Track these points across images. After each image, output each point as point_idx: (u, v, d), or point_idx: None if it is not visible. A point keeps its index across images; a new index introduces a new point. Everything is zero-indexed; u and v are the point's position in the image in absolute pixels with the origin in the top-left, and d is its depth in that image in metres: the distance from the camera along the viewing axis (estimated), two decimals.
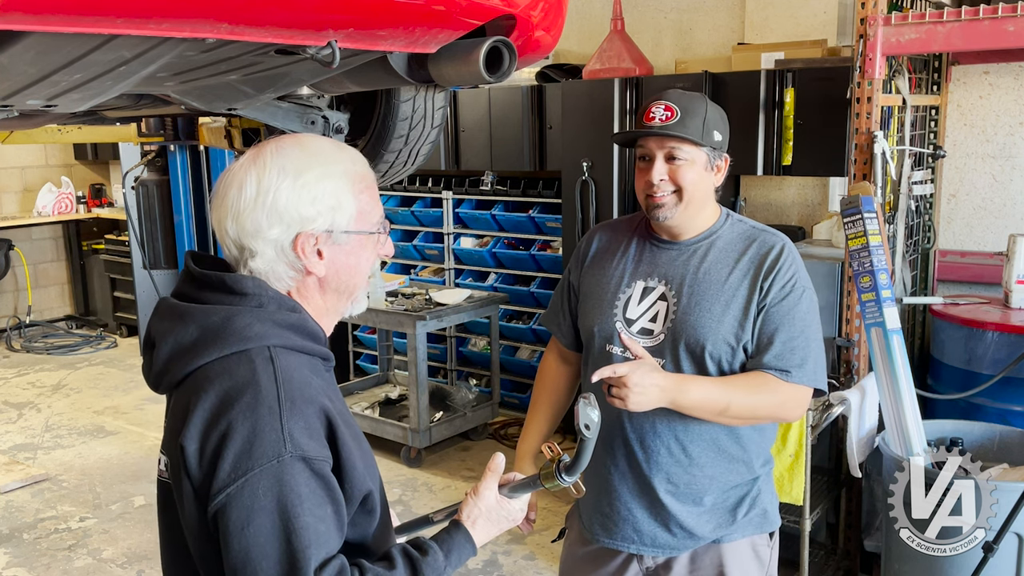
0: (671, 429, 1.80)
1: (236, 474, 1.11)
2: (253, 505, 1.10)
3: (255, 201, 1.21)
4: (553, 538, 2.16)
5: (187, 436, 1.15)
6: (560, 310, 2.03)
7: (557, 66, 4.80)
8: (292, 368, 1.19)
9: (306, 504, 1.12)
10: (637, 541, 1.88)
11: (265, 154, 1.24)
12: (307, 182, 1.22)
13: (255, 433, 1.12)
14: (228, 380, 1.16)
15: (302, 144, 1.27)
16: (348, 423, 1.23)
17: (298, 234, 1.22)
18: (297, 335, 1.23)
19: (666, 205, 1.79)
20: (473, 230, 5.27)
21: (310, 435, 1.15)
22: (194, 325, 1.20)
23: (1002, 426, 2.90)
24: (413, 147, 2.49)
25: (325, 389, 1.22)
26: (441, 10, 1.59)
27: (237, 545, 1.10)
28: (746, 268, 1.80)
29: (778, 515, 1.94)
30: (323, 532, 1.13)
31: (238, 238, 1.23)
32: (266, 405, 1.14)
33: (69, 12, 1.13)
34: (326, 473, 1.16)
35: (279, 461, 1.11)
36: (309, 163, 1.24)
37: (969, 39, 2.73)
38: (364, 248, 1.29)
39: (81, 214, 7.60)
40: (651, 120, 1.76)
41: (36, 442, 5.07)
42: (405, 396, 4.87)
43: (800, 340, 1.76)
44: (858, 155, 2.95)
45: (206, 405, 1.15)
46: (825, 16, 4.09)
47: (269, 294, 1.23)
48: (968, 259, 3.70)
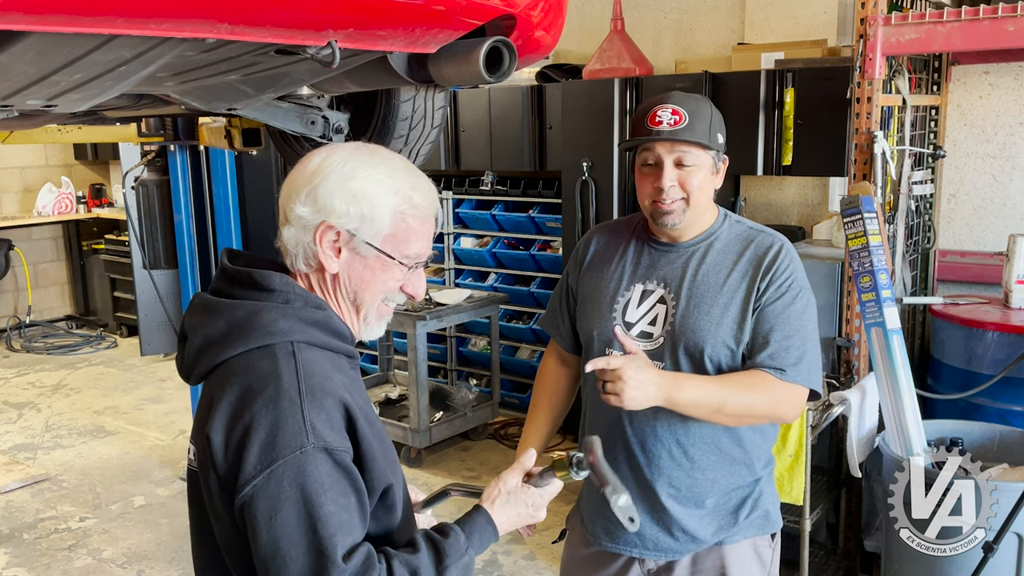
0: (672, 432, 1.80)
1: (262, 465, 1.14)
2: (279, 495, 1.13)
3: (308, 176, 1.26)
4: (554, 539, 2.16)
5: (213, 427, 1.18)
6: (559, 312, 2.02)
7: (557, 66, 4.80)
8: (313, 363, 1.22)
9: (330, 493, 1.14)
10: (639, 545, 1.87)
11: (347, 147, 1.30)
12: (355, 182, 1.25)
13: (278, 424, 1.15)
14: (252, 373, 1.20)
15: (378, 154, 1.31)
16: (370, 420, 1.26)
17: (322, 222, 1.25)
18: (322, 332, 1.26)
19: (675, 212, 1.77)
20: (473, 230, 5.27)
21: (331, 426, 1.18)
22: (223, 319, 1.25)
23: (1002, 426, 2.90)
24: (413, 147, 2.49)
25: (347, 385, 1.25)
26: (441, 10, 1.59)
27: (266, 535, 1.13)
28: (744, 270, 1.79)
29: (780, 516, 1.93)
30: (347, 520, 1.15)
31: (284, 201, 1.28)
32: (288, 397, 1.16)
33: (69, 12, 1.13)
34: (348, 464, 1.18)
35: (302, 452, 1.14)
36: (368, 168, 1.27)
37: (969, 39, 2.73)
38: (385, 271, 1.30)
39: (81, 214, 7.60)
40: (658, 124, 1.73)
41: (36, 442, 5.07)
42: (405, 396, 4.87)
43: (796, 339, 1.75)
44: (858, 155, 2.95)
45: (230, 398, 1.19)
46: (825, 16, 4.09)
47: (296, 291, 1.27)
48: (968, 259, 3.70)
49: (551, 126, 4.68)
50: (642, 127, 1.76)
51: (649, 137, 1.75)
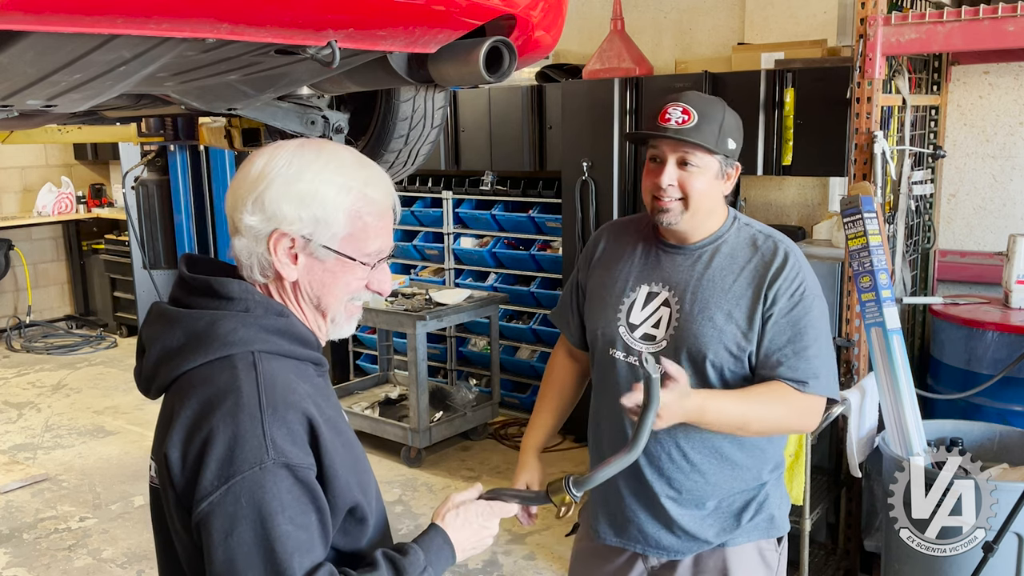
0: (671, 436, 1.79)
1: (219, 481, 1.09)
2: (236, 513, 1.09)
3: (252, 183, 1.20)
4: (567, 532, 2.18)
5: (170, 443, 1.14)
6: (568, 308, 2.03)
7: (557, 66, 4.79)
8: (276, 373, 1.17)
9: (288, 511, 1.10)
10: (642, 542, 1.87)
11: (289, 146, 1.23)
12: (302, 184, 1.19)
13: (236, 439, 1.10)
14: (210, 386, 1.15)
15: (324, 150, 1.24)
16: (338, 430, 1.21)
17: (274, 230, 1.19)
18: (284, 340, 1.21)
19: (672, 211, 1.76)
20: (473, 230, 5.27)
21: (293, 441, 1.13)
22: (180, 330, 1.19)
23: (1002, 426, 2.90)
24: (413, 147, 2.49)
25: (312, 395, 1.20)
26: (441, 10, 1.59)
27: (222, 554, 1.09)
28: (750, 276, 1.77)
29: (787, 521, 1.92)
30: (305, 540, 1.11)
31: (231, 211, 1.22)
32: (247, 411, 1.12)
33: (69, 12, 1.13)
34: (310, 480, 1.14)
35: (261, 468, 1.10)
36: (316, 168, 1.20)
37: (969, 39, 2.73)
38: (348, 273, 1.24)
39: (81, 214, 7.60)
40: (667, 122, 1.72)
41: (36, 442, 5.07)
42: (405, 396, 4.86)
43: (814, 350, 1.74)
44: (858, 155, 2.95)
45: (188, 412, 1.14)
46: (825, 16, 4.09)
47: (256, 298, 1.22)
48: (968, 259, 3.70)
49: (551, 126, 4.68)
50: (652, 122, 1.76)
51: (651, 133, 1.75)
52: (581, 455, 4.47)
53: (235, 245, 1.23)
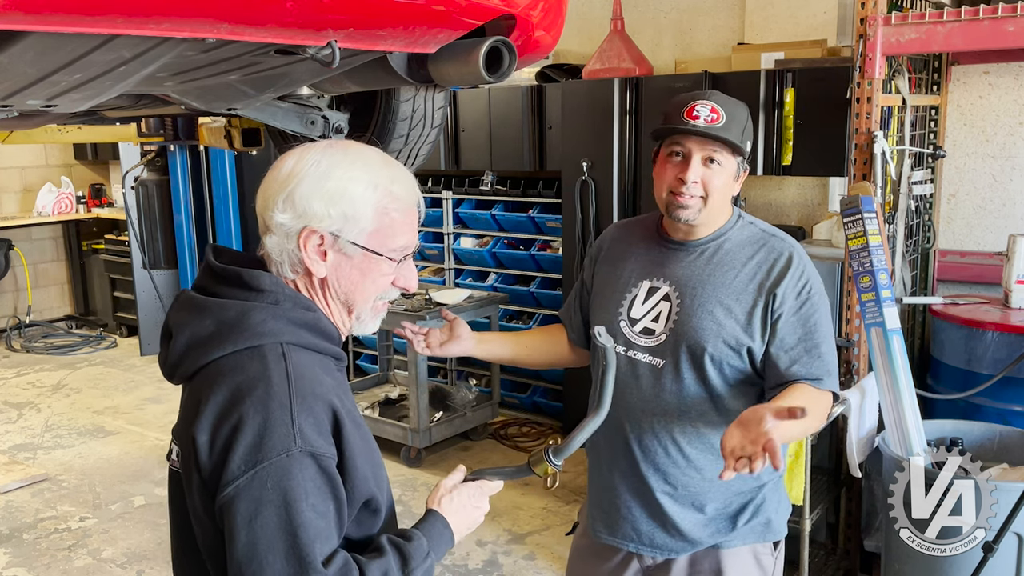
0: (668, 430, 1.80)
1: (246, 466, 1.12)
2: (262, 497, 1.11)
3: (282, 182, 1.24)
4: (567, 531, 2.19)
5: (199, 427, 1.16)
6: (573, 305, 2.06)
7: (557, 66, 4.80)
8: (303, 365, 1.20)
9: (311, 499, 1.13)
10: (636, 540, 1.88)
11: (318, 146, 1.27)
12: (331, 181, 1.22)
13: (266, 427, 1.13)
14: (241, 374, 1.18)
15: (352, 149, 1.29)
16: (357, 423, 1.25)
17: (304, 227, 1.22)
18: (311, 333, 1.25)
19: (691, 208, 1.76)
20: (473, 230, 5.27)
21: (319, 431, 1.16)
22: (211, 318, 1.22)
23: (1002, 426, 2.90)
24: (413, 147, 2.49)
25: (335, 388, 1.24)
26: (441, 10, 1.59)
27: (245, 537, 1.11)
28: (752, 272, 1.78)
29: (784, 525, 1.92)
30: (324, 528, 1.14)
31: (261, 210, 1.26)
32: (277, 400, 1.15)
33: (69, 12, 1.13)
34: (332, 470, 1.17)
35: (288, 455, 1.13)
36: (344, 166, 1.24)
37: (969, 39, 2.73)
38: (375, 269, 1.28)
39: (81, 214, 7.60)
40: (696, 118, 1.72)
41: (36, 442, 5.07)
42: (405, 396, 4.86)
43: (824, 346, 1.77)
44: (858, 155, 2.95)
45: (218, 398, 1.17)
46: (825, 16, 4.09)
47: (286, 292, 1.25)
48: (968, 259, 3.70)
49: (551, 126, 4.68)
50: (678, 118, 1.74)
51: (686, 128, 1.73)
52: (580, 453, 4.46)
53: (266, 243, 1.26)
